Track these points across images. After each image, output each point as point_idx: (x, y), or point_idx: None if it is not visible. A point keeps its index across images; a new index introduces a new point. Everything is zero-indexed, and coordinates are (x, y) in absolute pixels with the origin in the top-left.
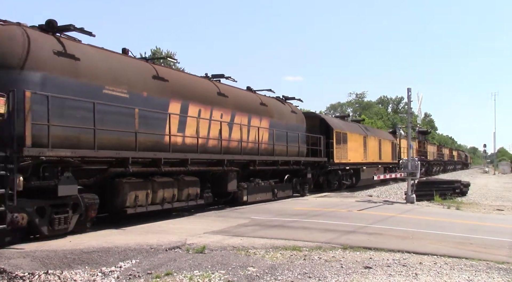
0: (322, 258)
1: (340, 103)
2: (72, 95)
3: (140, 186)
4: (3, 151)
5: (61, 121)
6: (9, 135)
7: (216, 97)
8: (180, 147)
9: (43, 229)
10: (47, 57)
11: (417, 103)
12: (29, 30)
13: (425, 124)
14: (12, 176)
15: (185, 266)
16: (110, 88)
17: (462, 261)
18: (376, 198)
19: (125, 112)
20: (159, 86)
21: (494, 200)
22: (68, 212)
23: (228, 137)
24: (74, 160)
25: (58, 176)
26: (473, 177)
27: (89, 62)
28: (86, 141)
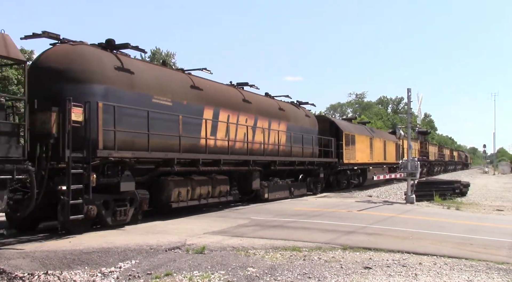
0: (322, 259)
1: (340, 103)
2: (128, 104)
3: (182, 184)
4: (80, 152)
5: (122, 127)
6: (85, 139)
7: (242, 103)
8: (213, 149)
9: (108, 219)
10: (110, 72)
11: (417, 104)
12: (95, 49)
13: (425, 124)
14: (88, 174)
15: (184, 267)
16: (157, 97)
17: (462, 262)
18: (376, 199)
19: (170, 118)
20: (195, 95)
21: (494, 200)
22: (127, 205)
23: (252, 139)
24: (131, 160)
25: (119, 174)
26: (473, 177)
27: (141, 75)
28: (139, 144)
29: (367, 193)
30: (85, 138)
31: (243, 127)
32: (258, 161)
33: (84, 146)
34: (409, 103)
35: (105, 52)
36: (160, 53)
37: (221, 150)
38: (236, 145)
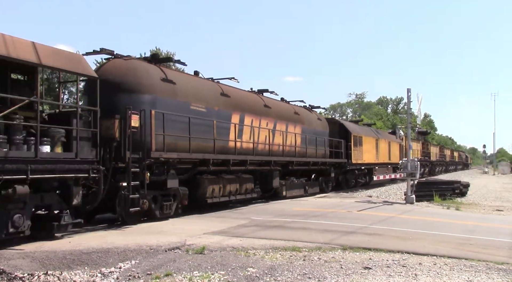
0: (322, 259)
1: (340, 104)
2: (171, 111)
3: (215, 182)
4: (137, 154)
5: (168, 132)
6: (140, 142)
7: (263, 108)
8: (239, 150)
9: (156, 212)
10: (156, 83)
11: (417, 104)
12: (144, 63)
13: (424, 124)
14: (143, 172)
15: (184, 267)
16: (194, 104)
17: (462, 262)
18: (376, 199)
19: (205, 123)
20: (224, 102)
21: (493, 200)
22: (171, 200)
23: (272, 141)
24: (174, 160)
25: (165, 173)
26: (473, 177)
27: (181, 85)
28: (181, 146)
29: (367, 193)
30: (141, 141)
31: (264, 130)
32: (278, 162)
33: (140, 148)
34: (409, 103)
35: (152, 65)
36: (160, 54)
37: (246, 151)
38: (258, 147)
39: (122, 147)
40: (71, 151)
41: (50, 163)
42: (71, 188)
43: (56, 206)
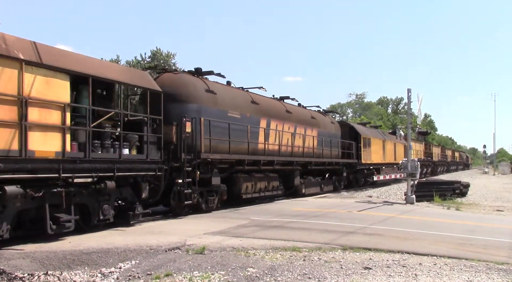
0: (322, 259)
1: (340, 104)
2: (213, 118)
3: (248, 180)
4: (189, 155)
5: (212, 136)
6: (192, 145)
7: (285, 114)
8: (267, 151)
9: (203, 206)
10: (201, 94)
11: (417, 104)
12: (191, 77)
13: (425, 125)
14: (194, 171)
15: (184, 267)
16: (231, 112)
17: (462, 262)
18: (376, 199)
19: (239, 128)
20: (254, 108)
21: (493, 200)
22: (214, 195)
23: (293, 144)
24: (217, 160)
25: (210, 171)
26: (473, 177)
27: (221, 95)
28: (221, 148)
29: (367, 194)
30: (192, 144)
31: (287, 133)
32: (298, 162)
33: (191, 150)
34: (409, 104)
35: (197, 78)
36: (160, 54)
37: (272, 152)
38: (282, 148)
39: (178, 149)
40: (143, 153)
41: (129, 163)
42: (141, 184)
43: (130, 198)
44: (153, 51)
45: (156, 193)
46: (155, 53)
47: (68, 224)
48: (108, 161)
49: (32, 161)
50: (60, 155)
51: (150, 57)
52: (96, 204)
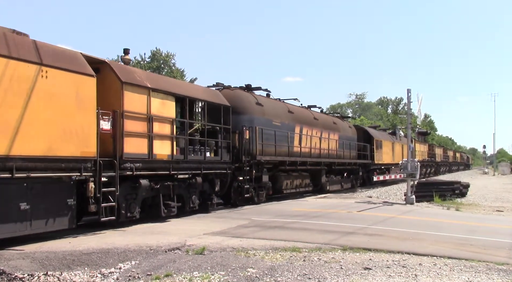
0: (322, 259)
1: (340, 104)
2: (262, 126)
3: (287, 177)
4: (247, 157)
5: (263, 141)
6: (249, 149)
7: (313, 120)
8: (301, 154)
9: (255, 199)
10: (253, 106)
11: (417, 104)
12: (244, 92)
13: (425, 125)
14: (251, 170)
15: (184, 267)
16: (274, 120)
17: (462, 262)
18: (376, 199)
19: (281, 134)
20: (290, 117)
21: (493, 201)
22: (263, 190)
23: (320, 146)
24: (266, 161)
25: (260, 171)
26: (473, 178)
27: (266, 106)
28: (268, 151)
29: (367, 194)
30: (249, 148)
31: (315, 138)
32: (325, 162)
33: (249, 153)
34: (409, 104)
35: (248, 93)
36: (160, 54)
37: (305, 154)
38: (311, 151)
39: (240, 153)
40: (218, 155)
41: (210, 163)
42: (215, 179)
43: (208, 191)
44: (153, 51)
45: (223, 187)
46: (155, 53)
47: (173, 209)
48: (197, 161)
49: (155, 162)
50: (170, 158)
51: (150, 57)
52: (188, 195)
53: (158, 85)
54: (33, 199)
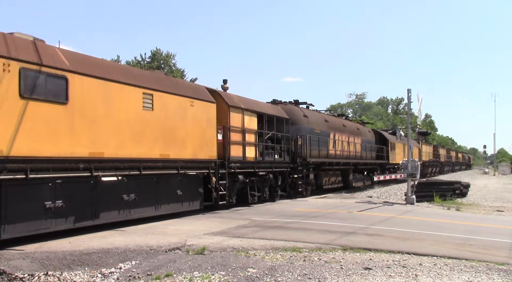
0: (322, 259)
1: (340, 104)
2: (308, 134)
3: (326, 175)
4: (300, 159)
5: (310, 146)
6: (301, 153)
7: (342, 127)
8: (336, 156)
9: (303, 192)
10: (301, 118)
11: (417, 104)
12: (293, 106)
13: (425, 125)
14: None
15: (185, 267)
16: (316, 128)
17: (462, 262)
18: (376, 199)
19: (321, 139)
20: (326, 125)
21: (494, 201)
22: (308, 186)
23: (348, 149)
24: (312, 162)
25: (308, 170)
26: (473, 178)
27: (310, 117)
28: (313, 154)
29: (367, 194)
30: (301, 152)
31: (344, 142)
32: (352, 163)
33: (300, 156)
34: (409, 104)
35: (296, 106)
36: (160, 54)
37: (337, 156)
38: (342, 153)
39: (295, 155)
40: (281, 157)
41: (277, 163)
42: (278, 176)
43: (274, 185)
44: (153, 51)
45: (283, 182)
46: (155, 53)
47: (255, 198)
48: (270, 162)
49: (246, 162)
50: (254, 159)
51: (150, 58)
52: (263, 187)
53: (247, 106)
54: (183, 188)
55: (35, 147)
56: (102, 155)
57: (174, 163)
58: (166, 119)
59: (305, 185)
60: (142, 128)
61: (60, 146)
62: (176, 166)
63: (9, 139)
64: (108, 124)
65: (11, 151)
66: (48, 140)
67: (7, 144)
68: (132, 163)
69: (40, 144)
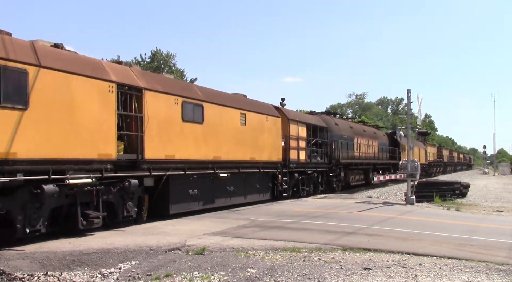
0: (322, 260)
1: (340, 104)
2: (339, 139)
3: (352, 174)
4: (335, 161)
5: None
6: (335, 155)
7: (363, 132)
8: (360, 157)
9: (336, 188)
10: (333, 126)
11: (417, 104)
12: (328, 116)
13: (425, 125)
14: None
15: (184, 268)
16: (344, 134)
17: (462, 262)
18: (376, 199)
19: (348, 143)
20: (351, 131)
21: (494, 201)
22: (339, 182)
23: (368, 151)
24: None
25: (340, 169)
26: (473, 178)
27: (339, 125)
28: (344, 156)
29: (367, 194)
30: (335, 155)
31: (365, 145)
32: (371, 163)
33: (335, 158)
34: (409, 104)
35: (328, 116)
36: (160, 54)
37: (360, 157)
38: (364, 155)
39: (331, 158)
40: (322, 159)
41: (319, 164)
42: (319, 175)
43: (316, 182)
44: (153, 51)
45: (323, 180)
46: (155, 53)
47: (305, 193)
48: (315, 163)
49: (299, 163)
50: (304, 161)
51: (150, 58)
52: (309, 183)
53: (300, 118)
54: (260, 183)
55: (189, 153)
56: (220, 158)
57: (257, 164)
58: (253, 131)
59: (338, 182)
60: (240, 138)
61: (201, 152)
62: (258, 166)
63: (176, 149)
64: (223, 136)
65: (175, 155)
66: (195, 148)
67: (175, 152)
68: (234, 164)
69: (191, 150)
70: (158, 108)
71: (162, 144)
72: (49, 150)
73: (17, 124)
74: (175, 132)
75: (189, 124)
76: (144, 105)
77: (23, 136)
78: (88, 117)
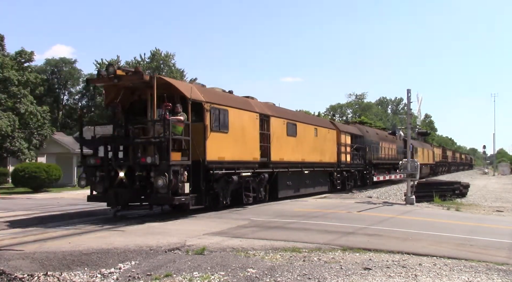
0: (322, 260)
1: (340, 104)
2: (370, 144)
3: (379, 172)
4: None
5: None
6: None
7: (385, 137)
8: (385, 158)
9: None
10: (365, 133)
11: (417, 104)
12: (360, 125)
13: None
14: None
15: (184, 268)
16: (373, 140)
17: (462, 262)
18: (376, 199)
19: (376, 147)
20: (377, 136)
21: (493, 201)
22: (357, 180)
23: (389, 153)
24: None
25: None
26: (473, 178)
27: (369, 132)
28: (374, 157)
29: (367, 194)
30: (367, 156)
31: (387, 148)
32: (392, 163)
33: (368, 159)
34: (409, 104)
35: (361, 125)
36: (159, 54)
37: (384, 158)
38: (387, 156)
39: (365, 159)
40: (360, 160)
41: (358, 165)
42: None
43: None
44: (152, 51)
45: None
46: (155, 53)
47: (348, 187)
48: (356, 164)
49: (346, 164)
50: (349, 162)
51: (150, 58)
52: (351, 180)
53: (347, 130)
54: (322, 178)
55: (289, 157)
56: (304, 160)
57: (322, 164)
58: (321, 141)
59: (369, 178)
60: (314, 146)
61: (294, 156)
62: (323, 165)
63: (283, 154)
64: (306, 145)
65: (284, 158)
66: (292, 153)
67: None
68: (311, 164)
69: (290, 155)
70: (276, 128)
71: (277, 151)
72: (235, 156)
73: (224, 142)
74: (283, 143)
75: (289, 137)
76: (270, 126)
77: (226, 147)
78: (249, 135)
